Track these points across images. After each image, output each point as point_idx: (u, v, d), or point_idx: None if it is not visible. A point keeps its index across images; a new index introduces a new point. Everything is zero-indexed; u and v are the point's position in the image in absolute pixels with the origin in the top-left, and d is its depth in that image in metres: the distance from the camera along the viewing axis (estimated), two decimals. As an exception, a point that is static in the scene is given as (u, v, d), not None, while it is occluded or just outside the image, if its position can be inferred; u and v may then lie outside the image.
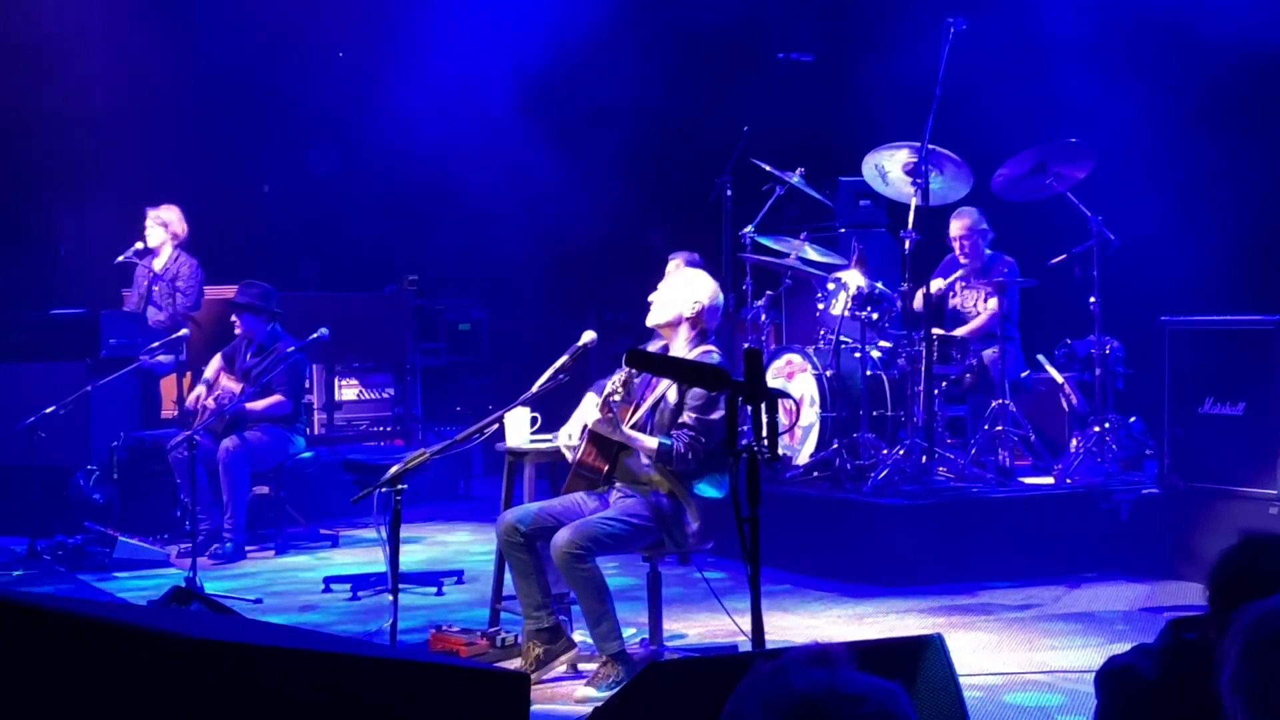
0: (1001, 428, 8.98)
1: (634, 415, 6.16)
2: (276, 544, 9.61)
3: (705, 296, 6.26)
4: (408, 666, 2.47)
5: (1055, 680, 6.06)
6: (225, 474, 9.23)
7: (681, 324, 6.24)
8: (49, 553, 9.06)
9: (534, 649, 6.12)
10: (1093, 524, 8.47)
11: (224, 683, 2.21)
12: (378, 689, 2.35)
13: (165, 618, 2.69)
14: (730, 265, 9.66)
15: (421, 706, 2.39)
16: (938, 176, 9.06)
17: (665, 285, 6.38)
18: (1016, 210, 9.67)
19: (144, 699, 2.23)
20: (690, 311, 6.24)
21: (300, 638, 2.72)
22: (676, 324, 6.25)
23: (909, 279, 9.11)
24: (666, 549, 6.27)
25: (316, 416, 11.92)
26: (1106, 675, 3.11)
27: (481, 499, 11.75)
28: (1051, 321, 10.01)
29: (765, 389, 3.77)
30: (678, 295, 6.27)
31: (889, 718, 1.77)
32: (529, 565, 6.12)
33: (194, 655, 2.20)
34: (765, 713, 1.77)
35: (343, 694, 2.31)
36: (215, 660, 2.22)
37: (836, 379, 9.03)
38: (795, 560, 8.36)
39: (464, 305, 13.41)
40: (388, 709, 2.35)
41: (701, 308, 6.24)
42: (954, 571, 8.13)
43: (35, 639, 2.45)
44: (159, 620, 2.49)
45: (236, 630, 2.58)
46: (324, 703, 2.29)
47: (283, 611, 7.77)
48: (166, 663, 2.22)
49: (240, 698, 2.22)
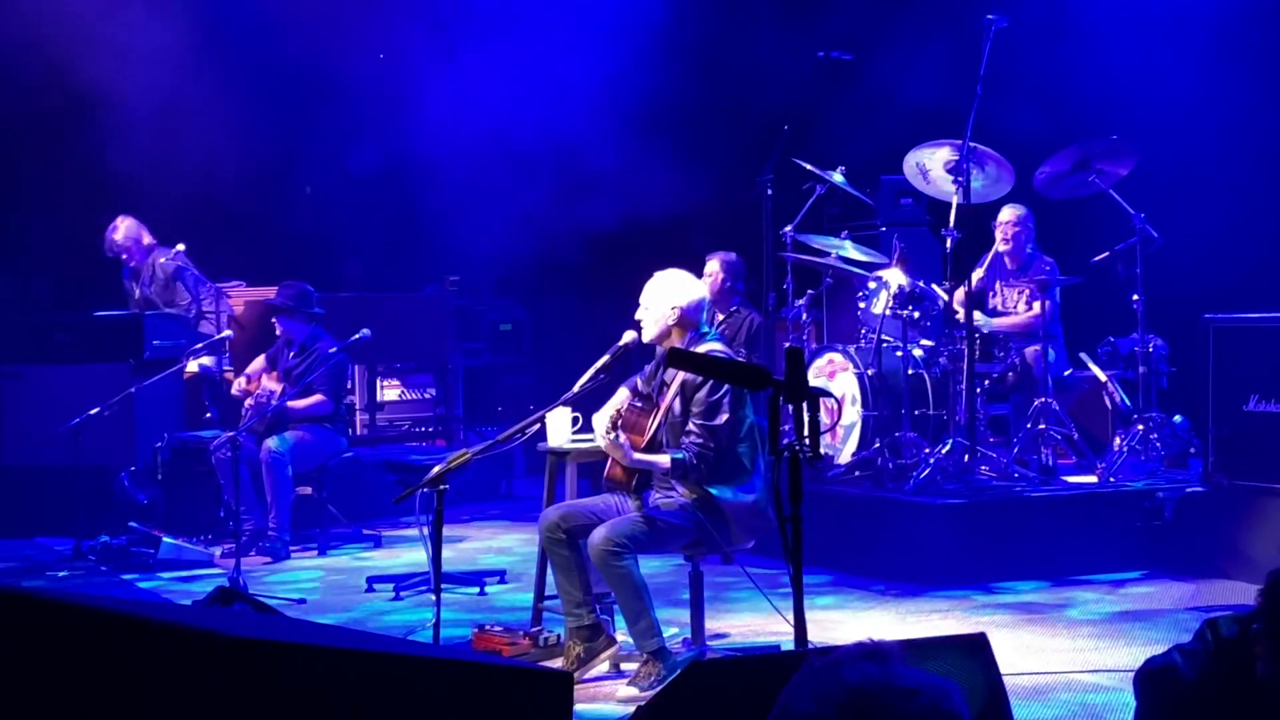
0: (1044, 426, 8.93)
1: (651, 426, 6.16)
2: (319, 544, 9.65)
3: (681, 297, 6.23)
4: (451, 666, 2.47)
5: (1100, 680, 6.02)
6: (268, 474, 9.27)
7: (671, 332, 6.23)
8: (94, 553, 9.12)
9: (574, 647, 6.14)
10: (1137, 523, 8.42)
11: (267, 681, 2.22)
12: (421, 688, 2.35)
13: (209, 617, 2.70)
14: (771, 264, 9.63)
15: (464, 706, 2.39)
16: (979, 174, 9.02)
17: (644, 300, 6.34)
18: (1059, 208, 9.62)
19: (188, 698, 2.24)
20: (673, 318, 6.22)
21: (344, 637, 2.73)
22: (667, 334, 6.23)
23: (950, 277, 9.08)
24: (705, 549, 6.27)
25: (358, 417, 11.95)
26: (1146, 676, 3.09)
27: (523, 499, 11.77)
28: (1094, 319, 9.94)
29: (806, 387, 3.76)
30: (656, 307, 6.23)
31: (941, 713, 1.75)
32: (570, 562, 6.14)
33: (238, 654, 2.21)
34: (818, 706, 1.76)
35: (386, 693, 2.31)
36: (259, 659, 2.22)
37: (878, 378, 9.01)
38: (837, 559, 8.35)
39: (505, 305, 13.43)
40: (431, 708, 2.36)
41: (681, 309, 6.22)
42: (997, 571, 8.09)
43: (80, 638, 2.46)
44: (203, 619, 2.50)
45: (280, 629, 2.59)
46: (367, 702, 2.29)
47: (326, 611, 7.81)
48: (210, 661, 2.23)
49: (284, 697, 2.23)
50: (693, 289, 6.29)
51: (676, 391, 6.11)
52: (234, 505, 8.96)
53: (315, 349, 9.57)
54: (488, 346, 13.16)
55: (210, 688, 2.21)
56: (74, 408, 9.22)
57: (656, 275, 6.33)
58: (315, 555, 9.53)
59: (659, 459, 6.07)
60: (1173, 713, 2.97)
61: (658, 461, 6.08)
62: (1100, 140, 9.09)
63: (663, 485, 6.21)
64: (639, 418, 6.19)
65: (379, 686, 2.30)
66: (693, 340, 6.21)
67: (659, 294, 6.25)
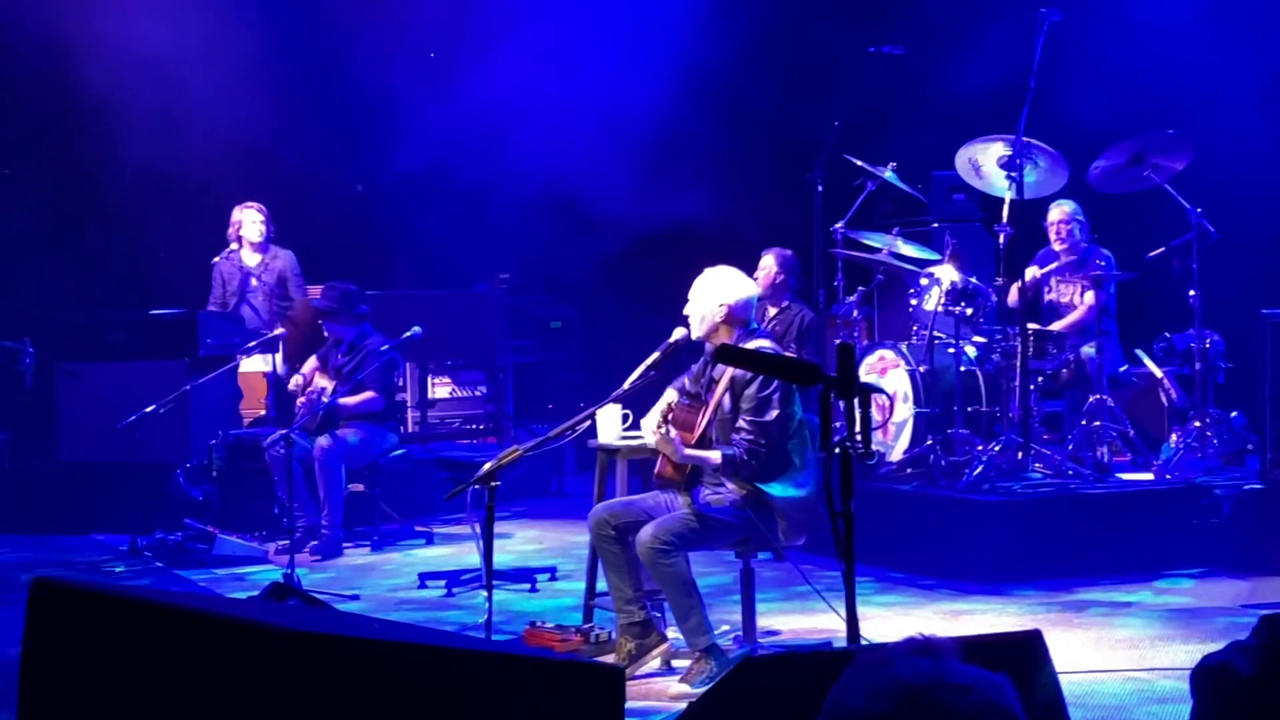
0: (1099, 423, 8.86)
1: (701, 423, 6.15)
2: (372, 541, 9.69)
3: (729, 294, 6.21)
4: (504, 660, 2.48)
5: (1156, 678, 5.97)
6: (321, 472, 9.32)
7: (719, 329, 6.21)
8: (150, 549, 9.20)
9: (626, 644, 6.13)
10: (1193, 520, 8.34)
11: (322, 674, 2.23)
12: (474, 682, 2.36)
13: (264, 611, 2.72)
14: (822, 261, 9.60)
15: (517, 700, 2.39)
16: (1032, 169, 8.96)
17: (692, 297, 6.33)
18: (1113, 202, 9.54)
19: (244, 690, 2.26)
20: (720, 315, 6.20)
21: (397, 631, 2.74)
22: (715, 331, 6.22)
23: (1003, 273, 9.02)
24: (756, 546, 6.26)
25: (410, 414, 12.00)
26: (1202, 674, 3.05)
27: (574, 496, 11.78)
28: (1150, 315, 9.86)
29: (858, 383, 3.74)
30: (704, 305, 6.22)
31: (995, 709, 1.74)
32: (620, 559, 6.14)
33: (293, 647, 2.22)
34: (870, 702, 1.75)
35: (439, 687, 2.32)
36: (313, 652, 2.23)
37: (930, 375, 8.97)
38: (889, 557, 8.31)
39: (555, 302, 13.45)
40: (484, 702, 2.36)
41: (729, 306, 6.20)
42: (1051, 568, 8.04)
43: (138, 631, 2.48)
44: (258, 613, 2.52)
45: (333, 623, 2.60)
46: (421, 695, 2.30)
47: (378, 607, 7.84)
48: (266, 654, 2.24)
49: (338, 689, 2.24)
50: (741, 286, 6.27)
51: (726, 388, 6.10)
52: (287, 502, 9.03)
53: (364, 346, 9.61)
54: (538, 344, 13.19)
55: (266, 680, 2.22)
56: (130, 405, 9.30)
57: (705, 272, 6.31)
58: (368, 551, 9.57)
59: (710, 455, 6.07)
60: (1229, 710, 2.93)
61: (708, 457, 6.07)
62: (1156, 134, 9.01)
63: (712, 482, 6.21)
64: (688, 415, 6.19)
65: (432, 680, 2.30)
66: (741, 337, 6.19)
67: (707, 291, 6.24)
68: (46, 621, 2.68)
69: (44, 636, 2.68)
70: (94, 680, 2.55)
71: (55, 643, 2.66)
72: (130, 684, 2.48)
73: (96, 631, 2.59)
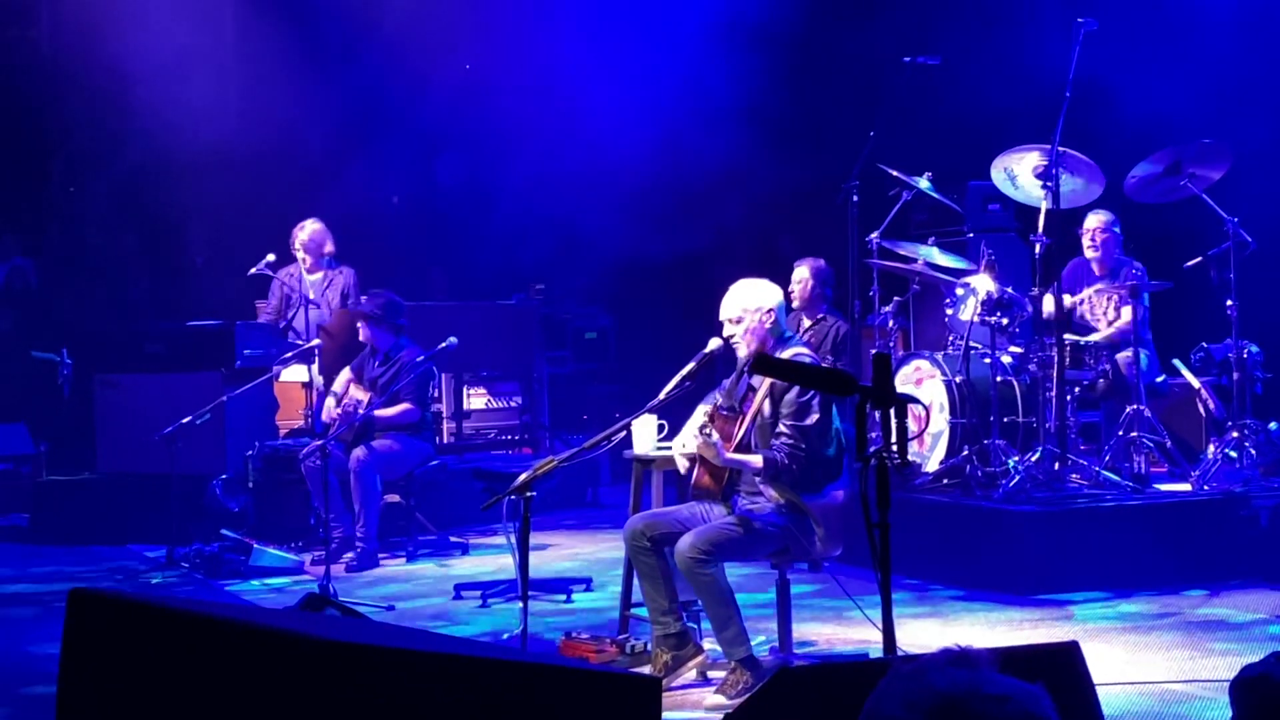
0: (1137, 434, 8.81)
1: (738, 432, 6.14)
2: (407, 551, 9.71)
3: (768, 300, 6.23)
4: (540, 670, 2.48)
5: (1194, 689, 5.93)
6: (357, 483, 9.33)
7: (768, 339, 6.21)
8: (187, 560, 9.24)
9: (662, 655, 6.13)
10: (1231, 531, 8.29)
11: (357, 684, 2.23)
12: (510, 692, 2.36)
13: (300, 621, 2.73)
14: (857, 271, 9.58)
15: (553, 710, 2.39)
16: (1068, 179, 8.92)
17: (728, 317, 6.26)
18: (1150, 212, 9.50)
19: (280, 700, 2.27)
20: (769, 321, 6.21)
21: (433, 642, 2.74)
22: (765, 340, 6.22)
23: (1039, 284, 8.99)
24: (793, 556, 6.25)
25: (445, 425, 12.02)
26: (1241, 684, 3.03)
27: (610, 507, 11.78)
28: (1188, 325, 9.81)
29: (894, 393, 3.73)
30: (749, 317, 6.20)
31: (1032, 718, 1.73)
32: (656, 570, 6.13)
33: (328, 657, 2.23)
34: (906, 712, 1.74)
35: (475, 697, 2.32)
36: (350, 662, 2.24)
37: (966, 385, 8.94)
38: (926, 568, 8.28)
39: (590, 313, 13.46)
40: (520, 712, 2.36)
41: (773, 315, 6.22)
42: (1088, 580, 7.99)
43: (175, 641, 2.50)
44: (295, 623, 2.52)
45: (369, 633, 2.61)
46: (457, 705, 2.30)
47: (414, 618, 7.85)
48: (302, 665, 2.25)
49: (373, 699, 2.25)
50: (772, 292, 6.30)
51: (766, 394, 6.09)
52: (323, 513, 9.06)
53: (399, 358, 9.63)
54: (573, 355, 13.20)
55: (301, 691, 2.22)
56: (167, 416, 9.34)
57: (733, 289, 6.31)
58: (404, 562, 9.58)
59: (751, 458, 6.06)
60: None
61: (749, 461, 6.06)
62: (1193, 143, 8.97)
63: (749, 491, 6.20)
64: (725, 425, 6.18)
65: (468, 690, 2.30)
66: (777, 345, 6.19)
67: (746, 302, 6.22)
68: (84, 632, 2.70)
69: (81, 647, 2.70)
70: (131, 691, 2.56)
71: (93, 653, 2.68)
72: (167, 694, 2.49)
73: (133, 642, 2.60)
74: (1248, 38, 10.21)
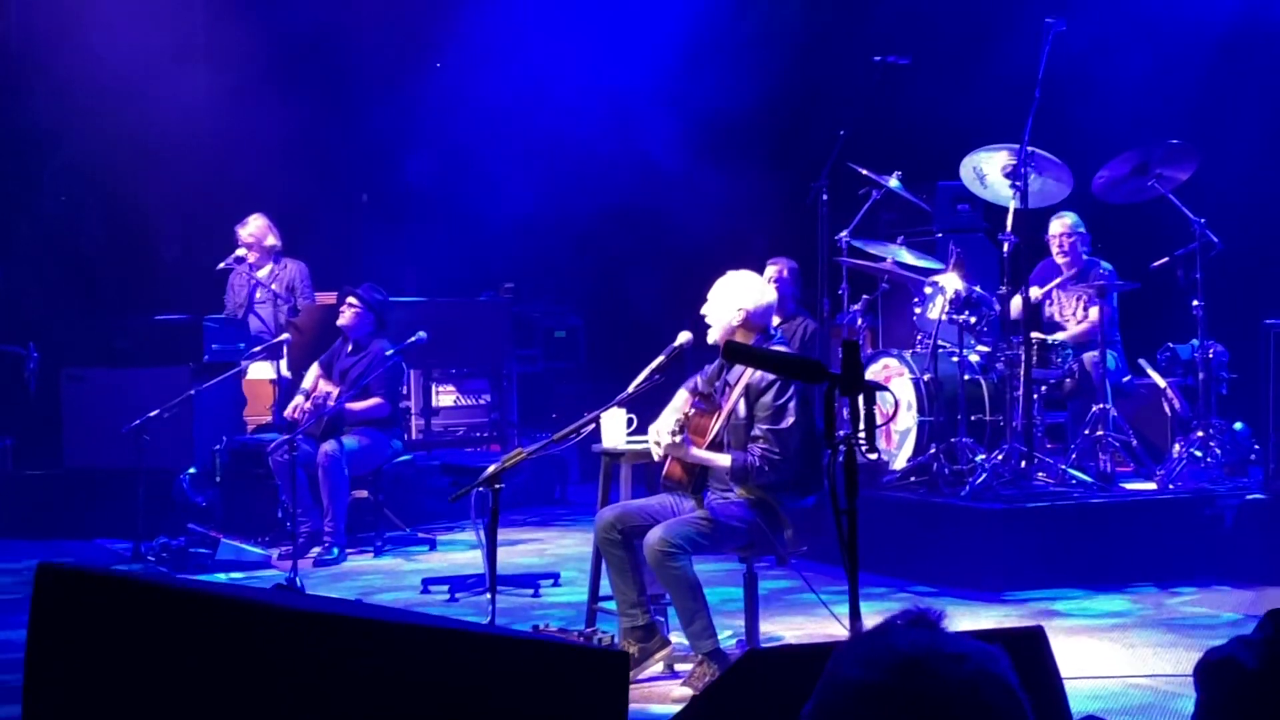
0: (1103, 433, 8.86)
1: (713, 427, 6.15)
2: (375, 546, 9.69)
3: (747, 299, 6.22)
4: (510, 642, 2.48)
5: (1157, 684, 5.97)
6: (325, 477, 9.31)
7: (736, 333, 6.20)
8: (153, 554, 9.18)
9: (629, 648, 6.13)
10: (1196, 530, 8.34)
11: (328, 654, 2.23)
12: (481, 663, 2.36)
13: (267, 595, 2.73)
14: (826, 270, 9.60)
15: (523, 681, 2.40)
16: (1037, 179, 8.97)
17: (711, 300, 6.33)
18: (1117, 213, 9.55)
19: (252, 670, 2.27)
20: (738, 320, 6.20)
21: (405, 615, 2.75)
22: (731, 335, 6.20)
23: (1007, 283, 9.03)
24: (760, 551, 6.26)
25: (414, 422, 12.00)
26: (1206, 668, 3.05)
27: (578, 504, 11.79)
28: (1154, 325, 9.87)
29: (862, 380, 3.73)
30: (722, 309, 6.22)
31: (990, 677, 1.74)
32: (625, 562, 6.13)
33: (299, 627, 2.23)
34: (866, 671, 1.75)
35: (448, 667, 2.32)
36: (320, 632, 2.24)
37: (934, 383, 8.97)
38: (893, 565, 8.30)
39: (560, 312, 13.46)
40: (490, 682, 2.37)
41: (748, 312, 6.20)
42: (1054, 577, 8.03)
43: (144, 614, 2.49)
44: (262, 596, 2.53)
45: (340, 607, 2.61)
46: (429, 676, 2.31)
47: (381, 612, 7.82)
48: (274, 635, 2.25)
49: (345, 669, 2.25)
50: (760, 292, 6.28)
51: (741, 393, 6.09)
52: (291, 507, 9.03)
53: (369, 349, 9.62)
54: (543, 353, 13.20)
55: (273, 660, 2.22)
56: (134, 410, 9.31)
57: (725, 276, 6.31)
58: (371, 557, 9.57)
59: (719, 458, 6.07)
60: (1234, 704, 2.93)
61: (717, 460, 6.07)
62: (1160, 144, 9.02)
63: (720, 487, 6.20)
64: (700, 419, 6.18)
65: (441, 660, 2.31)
66: (759, 343, 6.18)
67: (726, 295, 6.24)
68: (51, 607, 2.69)
69: (49, 622, 2.68)
70: (100, 664, 2.56)
71: (61, 628, 2.67)
72: (137, 666, 2.48)
73: (102, 615, 2.59)
74: (1216, 39, 10.27)
